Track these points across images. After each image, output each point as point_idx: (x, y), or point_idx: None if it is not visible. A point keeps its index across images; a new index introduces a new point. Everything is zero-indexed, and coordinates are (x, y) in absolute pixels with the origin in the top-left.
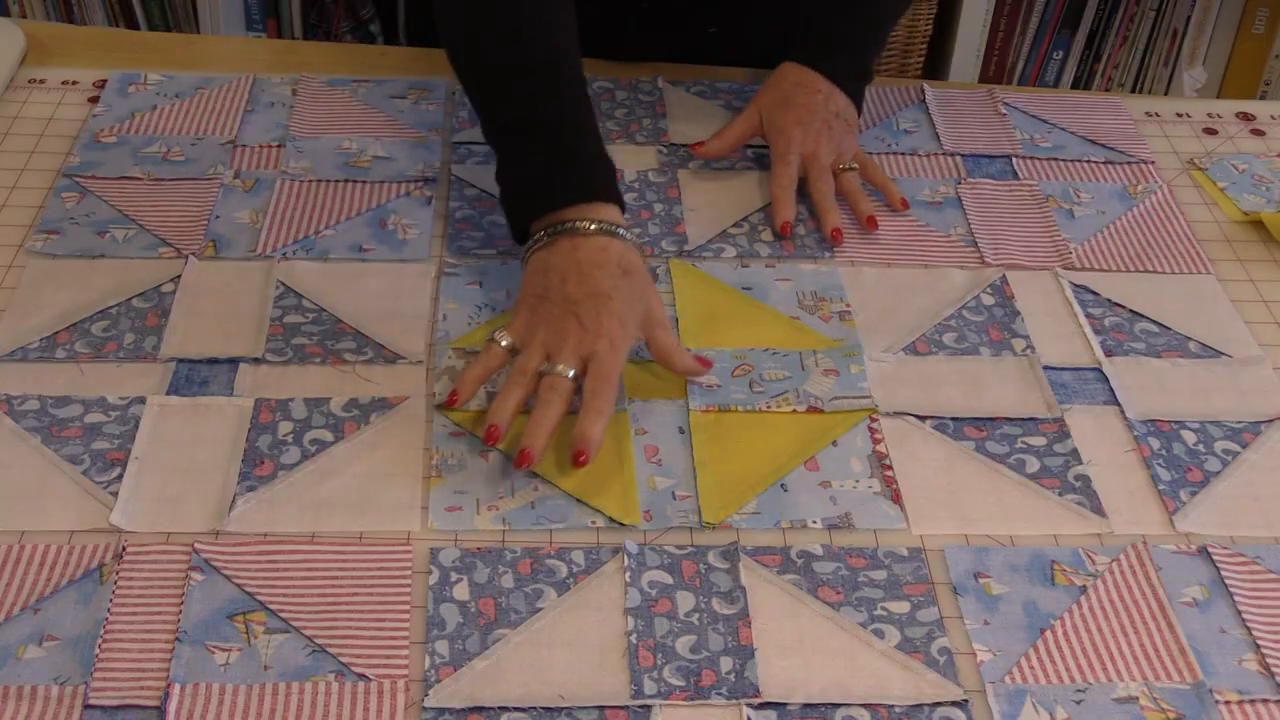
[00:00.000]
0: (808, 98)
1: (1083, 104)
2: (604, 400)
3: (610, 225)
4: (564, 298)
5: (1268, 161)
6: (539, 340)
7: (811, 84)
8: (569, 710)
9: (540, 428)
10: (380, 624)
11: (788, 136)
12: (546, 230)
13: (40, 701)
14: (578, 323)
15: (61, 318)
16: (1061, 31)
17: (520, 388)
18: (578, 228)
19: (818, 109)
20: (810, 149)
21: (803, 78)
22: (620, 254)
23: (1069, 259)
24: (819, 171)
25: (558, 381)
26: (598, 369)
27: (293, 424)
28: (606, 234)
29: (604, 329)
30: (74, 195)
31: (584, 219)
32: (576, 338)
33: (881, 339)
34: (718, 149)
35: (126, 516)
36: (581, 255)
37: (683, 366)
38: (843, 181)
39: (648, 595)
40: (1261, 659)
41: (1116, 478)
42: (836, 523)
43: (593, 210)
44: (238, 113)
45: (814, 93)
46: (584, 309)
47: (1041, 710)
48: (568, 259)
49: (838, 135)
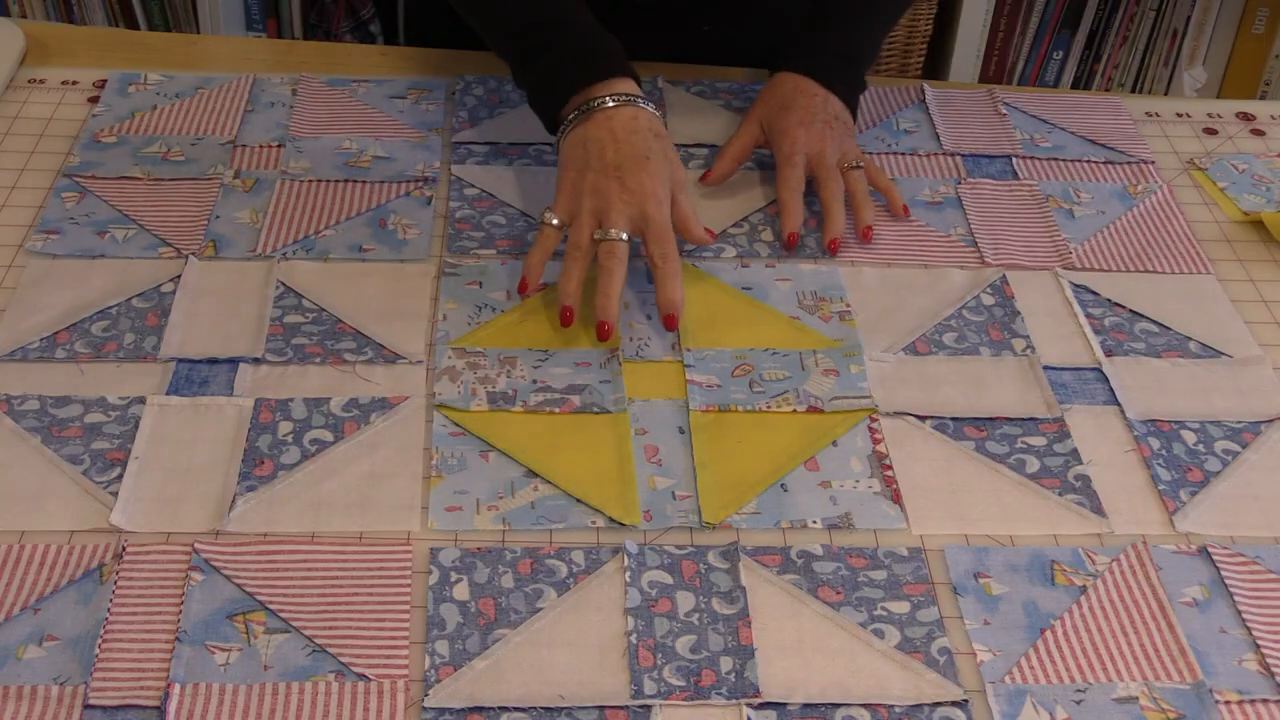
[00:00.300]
0: (807, 100)
1: (1083, 104)
2: (673, 261)
3: (633, 97)
4: (605, 164)
5: (1268, 161)
6: (587, 210)
7: (808, 89)
8: (569, 710)
9: (609, 298)
10: (380, 624)
11: (791, 138)
12: (578, 110)
13: (40, 701)
14: (621, 185)
15: (61, 318)
16: (1061, 31)
17: (579, 263)
18: (606, 102)
19: (818, 110)
20: (816, 149)
21: (799, 84)
22: (649, 120)
23: (1069, 259)
24: (827, 171)
25: (615, 248)
26: (656, 231)
27: (293, 424)
28: (632, 104)
29: (648, 189)
30: (74, 195)
31: (610, 93)
32: (623, 200)
33: (881, 339)
34: (724, 172)
35: (126, 516)
36: (616, 125)
37: (696, 234)
38: (850, 181)
39: (648, 595)
40: (1261, 659)
41: (1116, 478)
42: (836, 523)
43: (615, 85)
44: (238, 113)
45: (812, 96)
46: (626, 171)
47: (1041, 710)
48: (603, 129)
49: (839, 136)
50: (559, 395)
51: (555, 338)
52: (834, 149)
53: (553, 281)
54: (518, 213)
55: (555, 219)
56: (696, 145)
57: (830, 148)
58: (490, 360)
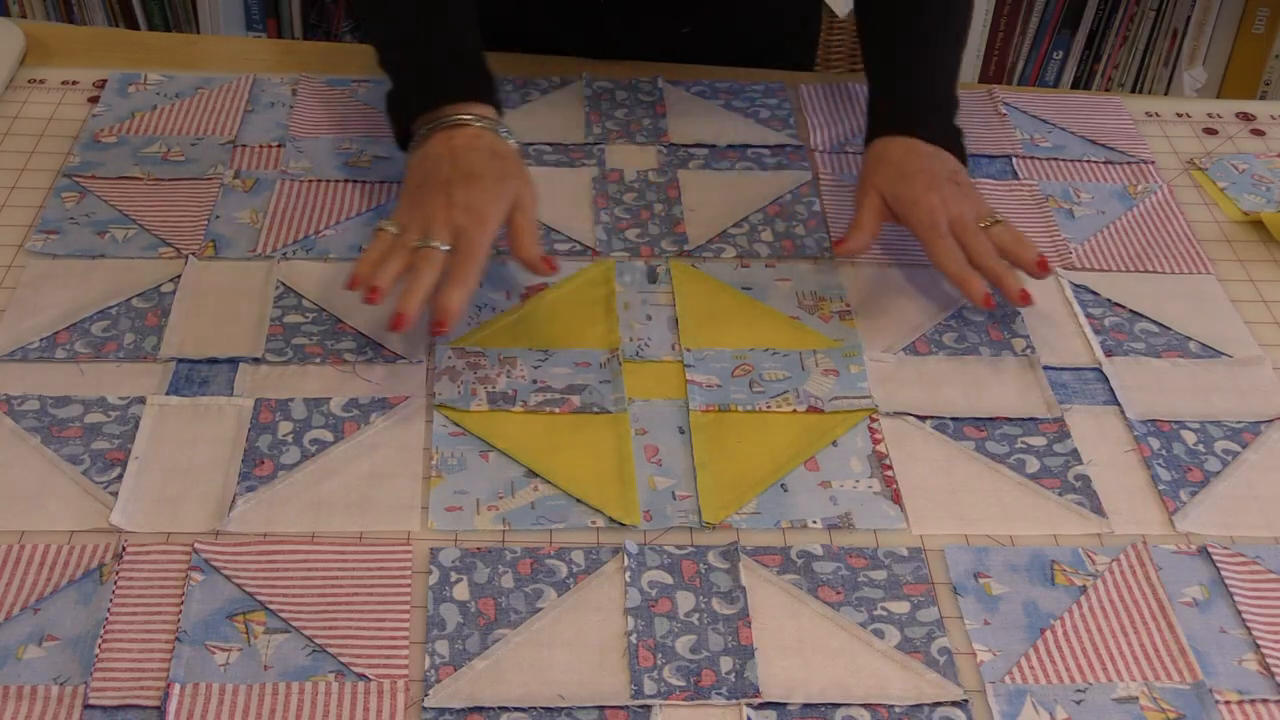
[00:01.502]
0: (924, 163)
1: (1083, 104)
2: (466, 272)
3: (483, 119)
4: (439, 179)
5: (1268, 161)
6: (416, 220)
7: (919, 149)
8: (569, 710)
9: (411, 294)
10: (380, 624)
11: (926, 206)
12: (426, 127)
13: (40, 701)
14: (447, 200)
15: (61, 318)
16: (1061, 31)
17: (399, 259)
18: (453, 121)
19: (939, 171)
20: (955, 211)
21: (909, 146)
22: (491, 140)
23: (1069, 259)
24: (973, 234)
25: (430, 253)
26: (464, 243)
27: (293, 424)
28: (479, 126)
29: (474, 205)
30: (74, 195)
31: (458, 114)
32: (446, 214)
33: (881, 339)
34: (861, 244)
35: (126, 516)
36: (455, 142)
37: (526, 253)
38: (995, 236)
39: (648, 595)
40: (1261, 659)
41: (1116, 478)
42: (836, 523)
43: (468, 107)
44: (238, 113)
45: (926, 157)
46: (455, 188)
47: (1041, 710)
48: (442, 147)
49: (968, 193)
50: (559, 395)
51: (555, 338)
52: (970, 210)
53: (552, 282)
54: None
55: (391, 227)
56: (697, 145)
57: (967, 209)
58: (490, 360)
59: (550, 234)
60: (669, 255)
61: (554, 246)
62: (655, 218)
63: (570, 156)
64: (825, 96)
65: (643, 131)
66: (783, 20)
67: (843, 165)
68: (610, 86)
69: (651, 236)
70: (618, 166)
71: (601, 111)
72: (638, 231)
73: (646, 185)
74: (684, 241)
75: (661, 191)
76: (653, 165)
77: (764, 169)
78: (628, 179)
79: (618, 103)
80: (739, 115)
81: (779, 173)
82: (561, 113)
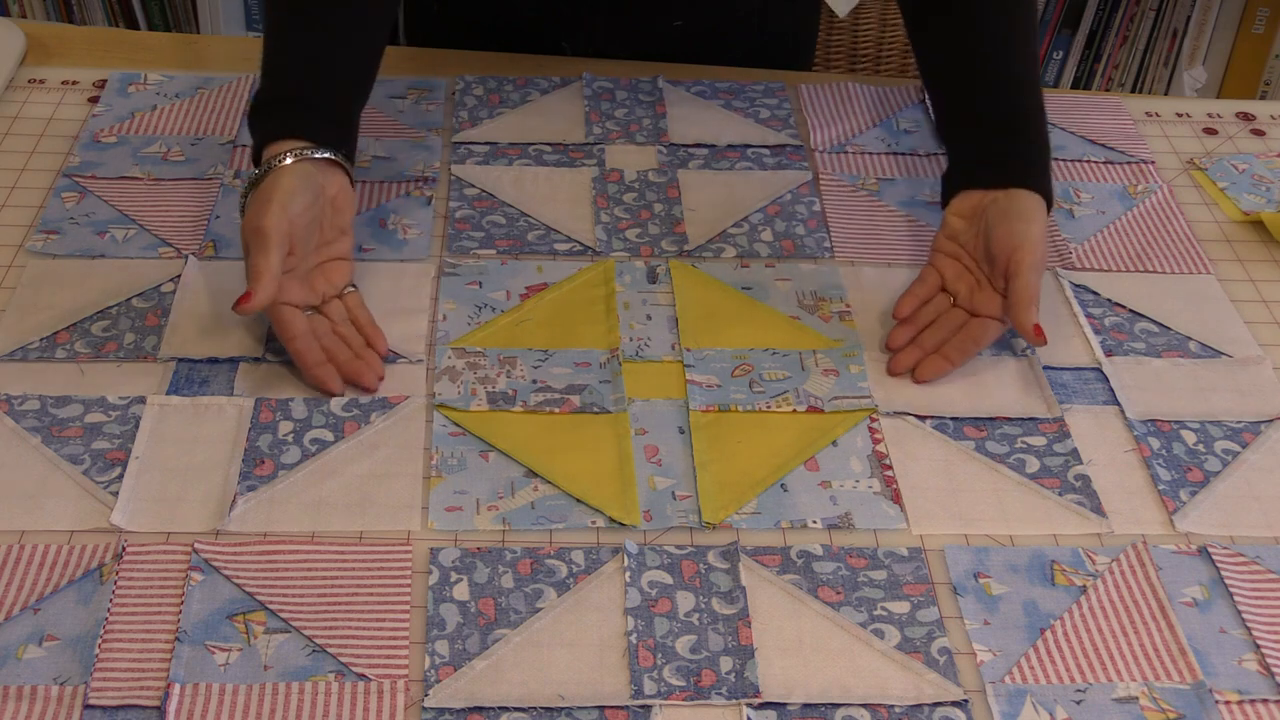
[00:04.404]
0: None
1: (1083, 104)
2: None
3: (284, 156)
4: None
5: (1268, 161)
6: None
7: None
8: (569, 710)
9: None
10: (380, 624)
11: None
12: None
13: (40, 701)
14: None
15: (61, 318)
16: (1061, 31)
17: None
18: (258, 174)
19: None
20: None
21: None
22: (266, 188)
23: (1069, 259)
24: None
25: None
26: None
27: (293, 424)
28: (274, 171)
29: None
30: (74, 195)
31: (268, 160)
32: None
33: (881, 339)
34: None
35: (126, 516)
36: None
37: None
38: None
39: (648, 595)
40: (1261, 659)
41: (1116, 478)
42: (836, 523)
43: (276, 148)
44: (238, 113)
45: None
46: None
47: (1041, 710)
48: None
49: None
50: (559, 395)
51: (555, 338)
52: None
53: (552, 282)
54: (518, 213)
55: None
56: (696, 145)
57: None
58: (490, 360)
59: (550, 234)
60: (669, 255)
61: (554, 246)
62: (655, 218)
63: (570, 156)
64: (825, 96)
65: (643, 131)
66: (778, 18)
67: (843, 165)
68: (610, 86)
69: (651, 236)
70: (618, 166)
71: (601, 111)
72: (638, 231)
73: (646, 185)
74: (684, 241)
75: (661, 191)
76: (653, 165)
77: (764, 169)
78: (628, 179)
79: (618, 103)
80: (739, 115)
81: (779, 173)
82: (561, 113)
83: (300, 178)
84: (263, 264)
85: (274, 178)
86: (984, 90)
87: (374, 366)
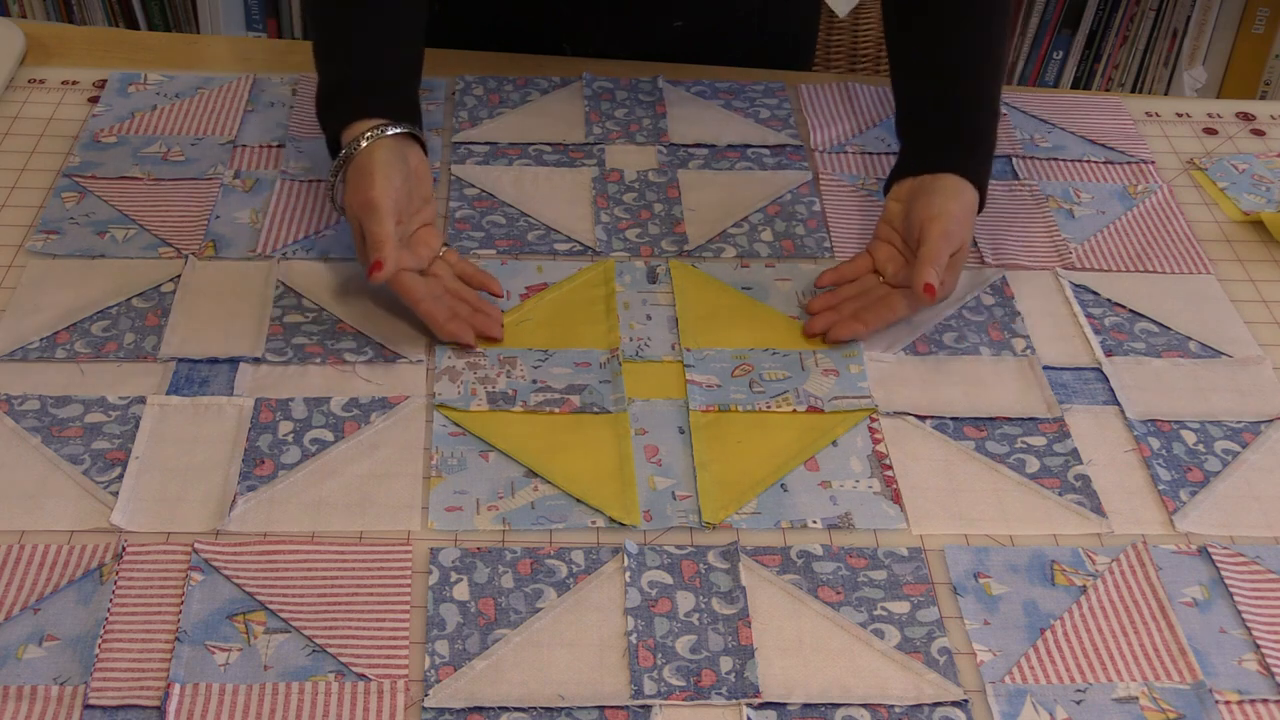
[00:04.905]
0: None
1: (1083, 104)
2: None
3: (368, 135)
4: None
5: (1268, 161)
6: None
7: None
8: (569, 710)
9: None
10: (380, 624)
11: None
12: (339, 156)
13: (40, 701)
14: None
15: (61, 318)
16: (1061, 31)
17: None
18: (347, 154)
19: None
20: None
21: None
22: (363, 162)
23: (1069, 259)
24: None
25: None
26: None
27: (293, 424)
28: (365, 147)
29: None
30: (74, 195)
31: (352, 140)
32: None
33: (881, 339)
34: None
35: (126, 516)
36: (349, 181)
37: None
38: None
39: (648, 595)
40: (1261, 659)
41: (1116, 478)
42: (836, 523)
43: (355, 129)
44: (238, 113)
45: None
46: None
47: (1041, 710)
48: (344, 196)
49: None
50: (559, 395)
51: (555, 338)
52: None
53: (552, 282)
54: (518, 213)
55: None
56: (696, 145)
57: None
58: (490, 360)
59: (550, 234)
60: (669, 255)
61: (554, 246)
62: (655, 218)
63: (570, 156)
64: (825, 96)
65: (643, 131)
66: (778, 18)
67: (843, 165)
68: (610, 86)
69: (651, 236)
70: (618, 166)
71: (601, 111)
72: (638, 231)
73: (646, 185)
74: (684, 241)
75: (661, 191)
76: (653, 165)
77: (764, 169)
78: (628, 179)
79: (618, 103)
80: (739, 115)
81: (779, 173)
82: (561, 113)
83: (390, 151)
84: (382, 232)
85: (367, 154)
86: (941, 94)
87: (495, 317)
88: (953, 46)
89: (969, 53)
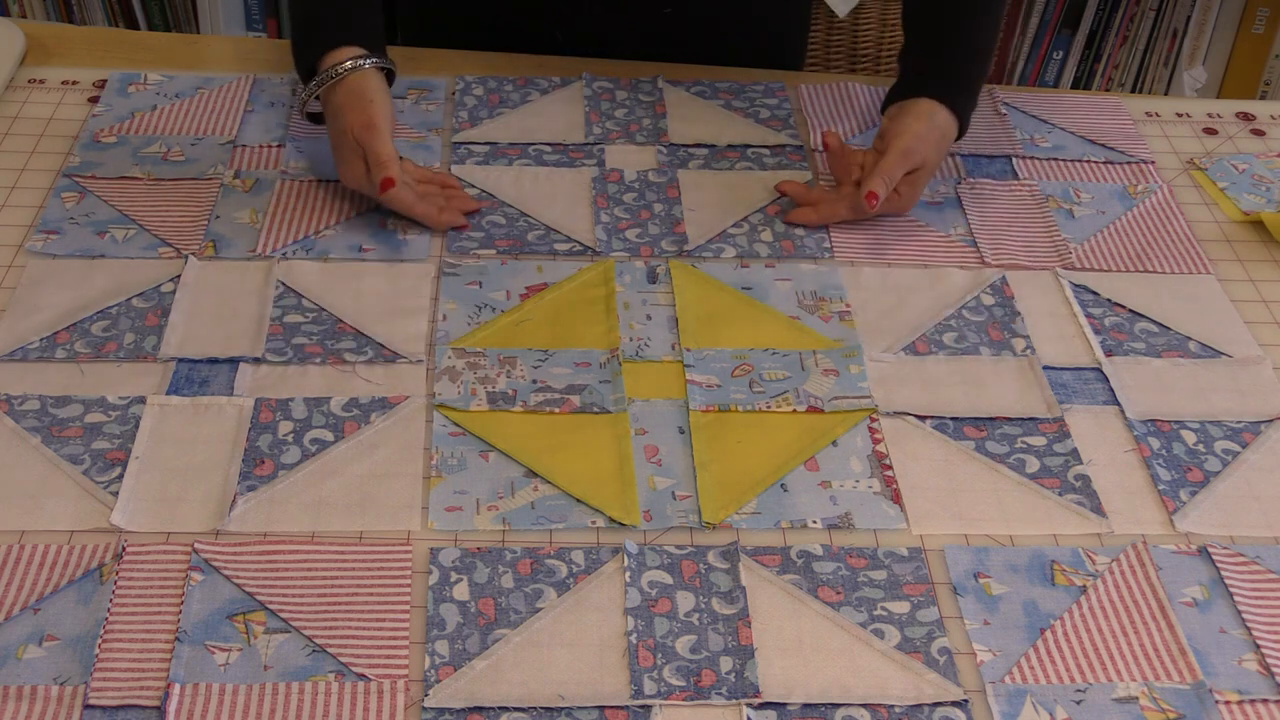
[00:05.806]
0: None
1: (1083, 104)
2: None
3: (352, 61)
4: (343, 146)
5: (1268, 161)
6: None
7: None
8: (569, 710)
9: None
10: (380, 624)
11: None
12: (314, 82)
13: (40, 701)
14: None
15: (61, 318)
16: (1061, 31)
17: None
18: (328, 75)
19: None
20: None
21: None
22: (355, 84)
23: (1069, 259)
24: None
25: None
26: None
27: (293, 424)
28: (349, 71)
29: (370, 153)
30: (74, 195)
31: (331, 67)
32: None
33: (881, 339)
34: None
35: (126, 516)
36: (336, 101)
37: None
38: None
39: (648, 595)
40: (1261, 659)
41: (1116, 478)
42: (836, 523)
43: (337, 55)
44: (238, 113)
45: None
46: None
47: (1041, 710)
48: (330, 118)
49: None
50: (559, 395)
51: (555, 338)
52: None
53: (552, 282)
54: (518, 213)
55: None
56: (696, 145)
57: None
58: (490, 360)
59: (550, 234)
60: (669, 255)
61: (554, 246)
62: (655, 218)
63: (570, 156)
64: (825, 96)
65: (643, 131)
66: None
67: None
68: (610, 86)
69: (651, 236)
70: (618, 166)
71: (601, 111)
72: (638, 231)
73: (646, 185)
74: (684, 241)
75: (661, 191)
76: (653, 165)
77: (764, 169)
78: (628, 179)
79: (618, 103)
80: (739, 115)
81: (779, 173)
82: (561, 113)
83: (380, 80)
84: (386, 151)
85: (359, 80)
86: (936, 37)
87: (462, 191)
88: (965, 8)
89: (966, 7)
